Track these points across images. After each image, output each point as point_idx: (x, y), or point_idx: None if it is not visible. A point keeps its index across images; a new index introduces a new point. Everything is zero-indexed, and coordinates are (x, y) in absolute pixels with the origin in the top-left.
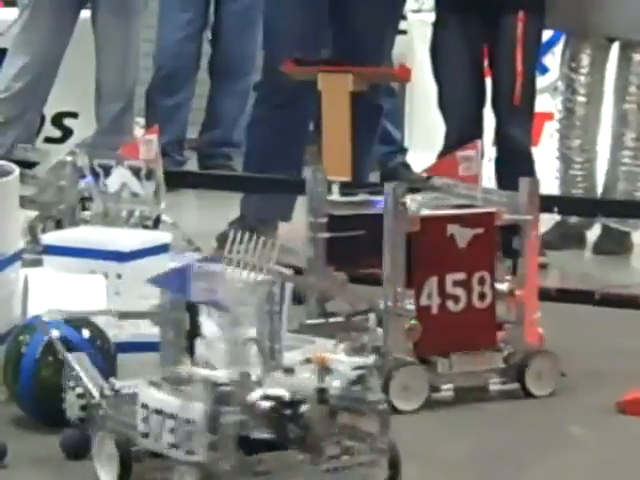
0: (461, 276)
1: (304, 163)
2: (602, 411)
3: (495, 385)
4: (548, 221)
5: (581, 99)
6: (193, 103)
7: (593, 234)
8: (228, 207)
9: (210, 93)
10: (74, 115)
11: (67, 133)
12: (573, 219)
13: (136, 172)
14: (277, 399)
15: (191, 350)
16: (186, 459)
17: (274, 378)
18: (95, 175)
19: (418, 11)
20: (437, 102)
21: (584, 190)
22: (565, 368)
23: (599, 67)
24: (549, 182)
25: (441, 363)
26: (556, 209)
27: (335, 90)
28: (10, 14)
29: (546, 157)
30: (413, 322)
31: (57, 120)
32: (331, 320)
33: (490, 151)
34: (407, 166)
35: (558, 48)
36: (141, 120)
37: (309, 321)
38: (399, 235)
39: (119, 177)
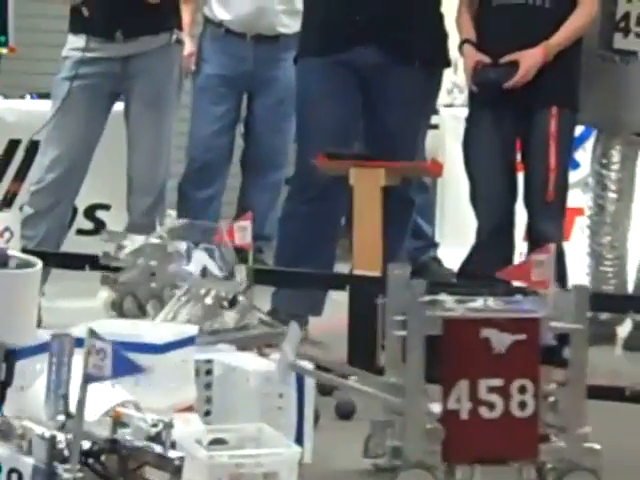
0: (498, 382)
1: (336, 257)
2: None
3: None
4: None
5: (612, 195)
6: (225, 196)
7: (624, 330)
8: (259, 300)
9: (242, 186)
10: (106, 207)
11: (99, 225)
12: (604, 315)
13: (211, 254)
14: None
15: (1, 398)
16: None
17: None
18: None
19: (450, 106)
20: (469, 197)
21: (615, 286)
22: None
23: (630, 163)
24: (580, 278)
25: (461, 470)
26: None
27: (367, 185)
28: (42, 106)
29: (577, 252)
30: (435, 425)
31: (89, 212)
32: None
33: (521, 246)
34: (438, 261)
35: (589, 143)
36: (173, 212)
37: None
38: (417, 336)
39: (199, 260)
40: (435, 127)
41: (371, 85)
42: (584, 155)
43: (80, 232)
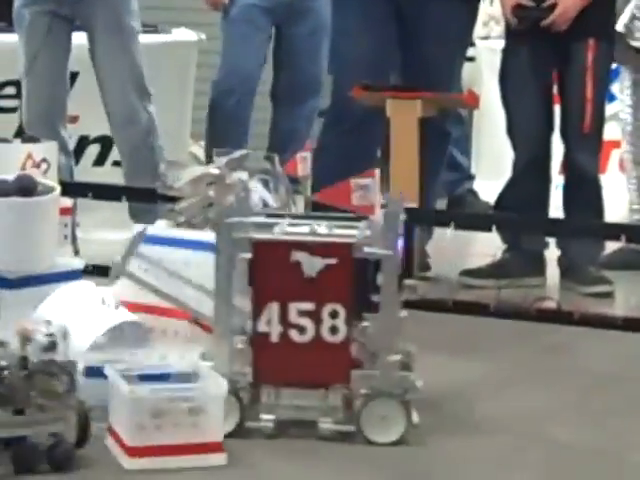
0: (309, 306)
1: None
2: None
3: (326, 424)
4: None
5: None
6: (254, 129)
7: None
8: None
9: (274, 118)
10: None
11: None
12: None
13: (265, 185)
14: None
15: None
16: None
17: None
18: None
19: (486, 38)
20: (506, 129)
21: None
22: (629, 398)
23: None
24: (616, 210)
25: (266, 392)
26: (623, 237)
27: (404, 116)
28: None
29: (613, 185)
30: (241, 346)
31: None
32: None
33: (557, 178)
34: (474, 193)
35: None
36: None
37: None
38: (224, 257)
39: (255, 191)
40: (471, 59)
41: (407, 16)
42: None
43: (116, 164)
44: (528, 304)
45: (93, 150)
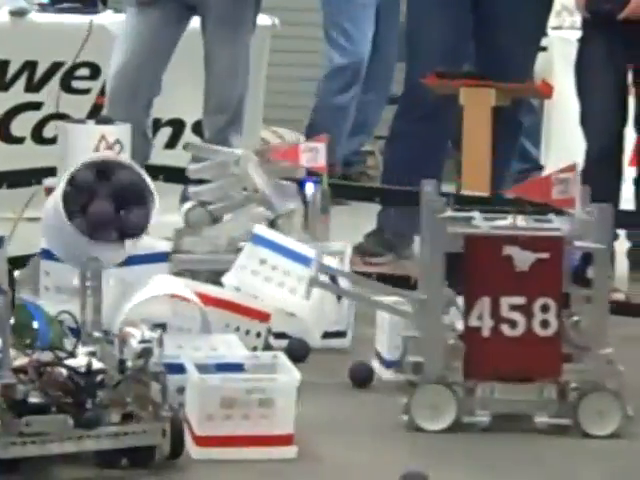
0: (520, 300)
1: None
2: None
3: (542, 417)
4: None
5: None
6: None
7: None
8: (365, 219)
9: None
10: None
11: None
12: None
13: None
14: (73, 369)
15: None
16: None
17: (87, 349)
18: None
19: (559, 28)
20: (579, 117)
21: None
22: None
23: None
24: None
25: (482, 387)
26: None
27: (477, 105)
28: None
29: None
30: (456, 341)
31: (197, 127)
32: None
33: (629, 171)
34: None
35: None
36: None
37: None
38: (438, 253)
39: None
40: (544, 49)
41: (482, 4)
42: None
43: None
44: None
45: (165, 133)
